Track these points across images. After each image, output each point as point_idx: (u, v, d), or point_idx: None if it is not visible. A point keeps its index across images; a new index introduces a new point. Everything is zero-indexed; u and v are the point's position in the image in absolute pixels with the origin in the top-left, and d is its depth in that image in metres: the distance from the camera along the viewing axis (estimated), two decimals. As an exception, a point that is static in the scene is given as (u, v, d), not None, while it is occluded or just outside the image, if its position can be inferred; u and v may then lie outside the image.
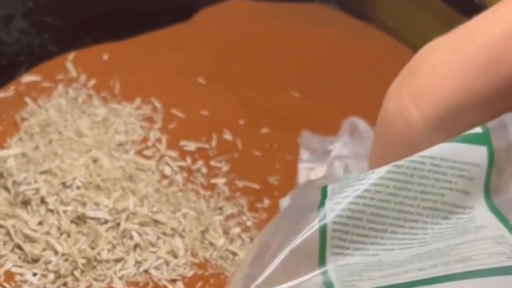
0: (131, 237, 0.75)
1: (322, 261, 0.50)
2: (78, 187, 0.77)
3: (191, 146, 0.87)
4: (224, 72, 0.96)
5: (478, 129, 0.51)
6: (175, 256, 0.76)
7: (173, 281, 0.74)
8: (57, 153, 0.80)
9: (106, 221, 0.75)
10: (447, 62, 0.50)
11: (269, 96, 0.95)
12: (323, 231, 0.50)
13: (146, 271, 0.74)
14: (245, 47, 1.00)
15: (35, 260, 0.73)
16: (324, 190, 0.52)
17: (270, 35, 1.02)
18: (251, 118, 0.91)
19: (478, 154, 0.50)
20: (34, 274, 0.72)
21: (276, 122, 0.92)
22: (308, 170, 0.82)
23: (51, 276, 0.72)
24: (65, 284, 0.72)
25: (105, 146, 0.83)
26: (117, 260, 0.74)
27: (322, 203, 0.51)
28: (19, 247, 0.74)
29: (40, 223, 0.75)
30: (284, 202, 0.67)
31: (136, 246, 0.75)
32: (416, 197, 0.50)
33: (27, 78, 0.90)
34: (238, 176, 0.85)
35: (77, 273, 0.72)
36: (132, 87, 0.92)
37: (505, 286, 0.46)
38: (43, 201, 0.76)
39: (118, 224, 0.75)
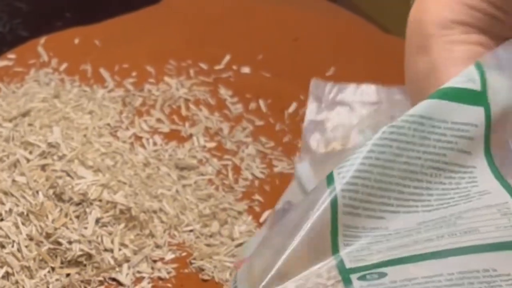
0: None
1: (335, 246, 0.49)
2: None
3: (165, 128, 0.88)
4: (195, 54, 0.97)
5: (474, 85, 0.51)
6: (154, 236, 0.76)
7: (154, 261, 0.75)
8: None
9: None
10: None
11: (240, 76, 0.96)
12: (334, 202, 0.50)
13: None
14: (215, 28, 1.01)
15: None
16: (330, 175, 0.52)
17: (240, 16, 1.03)
18: (222, 100, 0.93)
19: (476, 115, 0.51)
20: None
21: (247, 102, 0.93)
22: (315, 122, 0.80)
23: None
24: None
25: (80, 129, 0.83)
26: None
27: (330, 179, 0.51)
28: None
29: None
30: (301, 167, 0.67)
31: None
32: (419, 157, 0.51)
33: (-1, 63, 0.91)
34: (213, 157, 0.86)
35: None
36: (104, 70, 0.92)
37: None
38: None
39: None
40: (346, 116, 0.76)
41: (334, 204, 0.50)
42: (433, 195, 0.50)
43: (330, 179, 0.51)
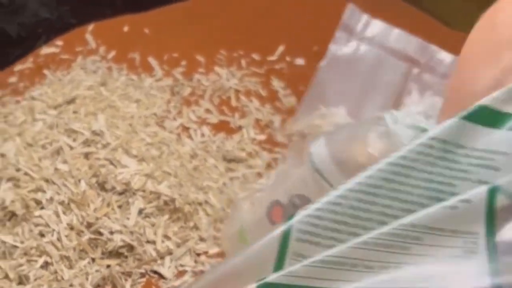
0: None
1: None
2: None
3: (213, 118, 0.85)
4: (247, 44, 0.94)
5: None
6: (198, 229, 0.74)
7: (197, 255, 0.73)
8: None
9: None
10: None
11: (294, 68, 0.93)
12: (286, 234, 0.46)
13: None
14: (269, 18, 0.99)
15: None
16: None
17: (295, 5, 1.00)
18: (274, 92, 0.90)
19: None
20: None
21: (300, 94, 0.90)
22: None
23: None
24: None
25: (126, 118, 0.81)
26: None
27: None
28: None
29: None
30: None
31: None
32: (418, 185, 0.45)
33: (46, 50, 0.89)
34: (263, 150, 0.83)
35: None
36: (153, 59, 0.90)
37: None
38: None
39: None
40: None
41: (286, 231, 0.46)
42: None
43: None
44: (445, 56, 0.70)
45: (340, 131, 0.58)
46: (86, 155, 0.75)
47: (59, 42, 0.90)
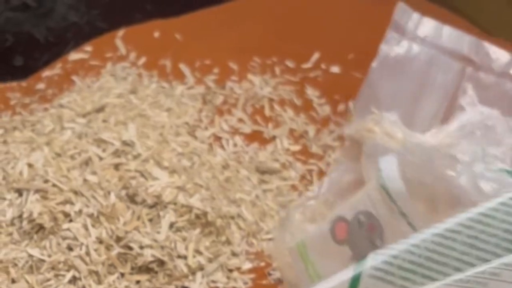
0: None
1: None
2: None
3: (246, 128, 0.84)
4: (281, 51, 0.93)
5: None
6: (230, 244, 0.72)
7: (230, 270, 0.71)
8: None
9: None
10: None
11: (329, 76, 0.91)
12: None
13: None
14: (304, 24, 0.97)
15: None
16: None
17: (331, 12, 0.99)
18: (308, 101, 0.88)
19: None
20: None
21: (335, 103, 0.88)
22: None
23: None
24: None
25: (157, 127, 0.80)
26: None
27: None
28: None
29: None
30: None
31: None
32: (496, 235, 0.47)
33: (75, 55, 0.88)
34: (297, 161, 0.81)
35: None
36: (184, 66, 0.89)
37: None
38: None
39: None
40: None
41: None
42: None
43: None
44: (501, 54, 0.68)
45: (413, 153, 0.57)
46: (116, 166, 0.74)
47: (88, 47, 0.89)
